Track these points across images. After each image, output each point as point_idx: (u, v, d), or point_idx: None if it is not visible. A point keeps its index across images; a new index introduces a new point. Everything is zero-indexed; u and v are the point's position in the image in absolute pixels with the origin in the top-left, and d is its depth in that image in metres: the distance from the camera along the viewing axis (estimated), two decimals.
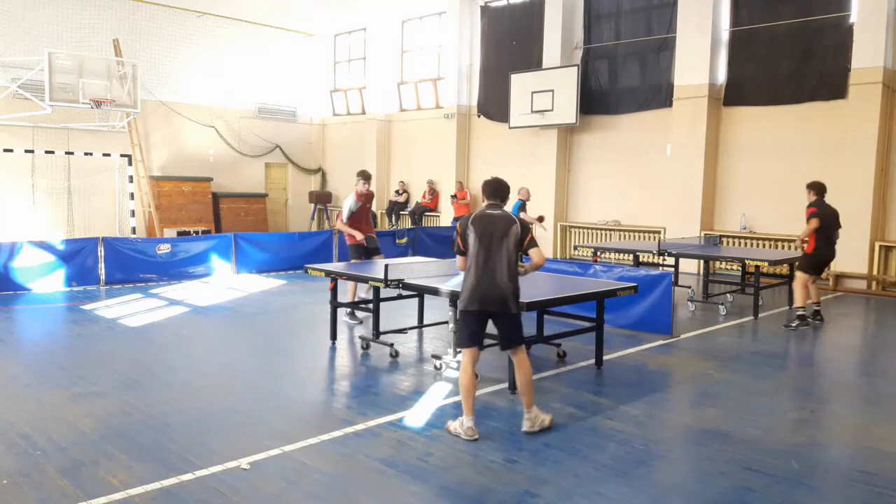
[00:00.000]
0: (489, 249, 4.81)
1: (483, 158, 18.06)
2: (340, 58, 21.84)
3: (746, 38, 13.32)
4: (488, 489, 4.08)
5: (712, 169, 13.73)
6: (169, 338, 8.02)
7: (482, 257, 4.81)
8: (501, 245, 4.80)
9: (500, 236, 4.81)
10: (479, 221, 4.89)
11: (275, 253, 13.17)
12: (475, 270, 4.83)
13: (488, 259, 4.80)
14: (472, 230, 4.86)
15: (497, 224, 4.86)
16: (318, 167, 22.08)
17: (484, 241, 4.82)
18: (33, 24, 15.82)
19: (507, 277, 4.82)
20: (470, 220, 4.93)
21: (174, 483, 4.06)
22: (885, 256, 11.72)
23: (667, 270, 9.30)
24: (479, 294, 4.81)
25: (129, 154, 16.27)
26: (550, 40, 15.85)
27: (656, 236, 14.32)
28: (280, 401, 5.75)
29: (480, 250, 4.81)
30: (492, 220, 4.88)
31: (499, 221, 4.87)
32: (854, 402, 6.04)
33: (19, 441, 4.70)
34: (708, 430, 5.10)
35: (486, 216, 4.92)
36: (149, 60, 17.47)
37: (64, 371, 6.45)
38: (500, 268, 4.80)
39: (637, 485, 4.17)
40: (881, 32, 11.36)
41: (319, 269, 7.60)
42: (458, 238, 4.96)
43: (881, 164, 11.69)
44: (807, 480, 4.27)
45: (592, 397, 5.87)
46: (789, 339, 8.57)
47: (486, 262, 4.80)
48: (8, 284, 10.42)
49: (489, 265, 4.80)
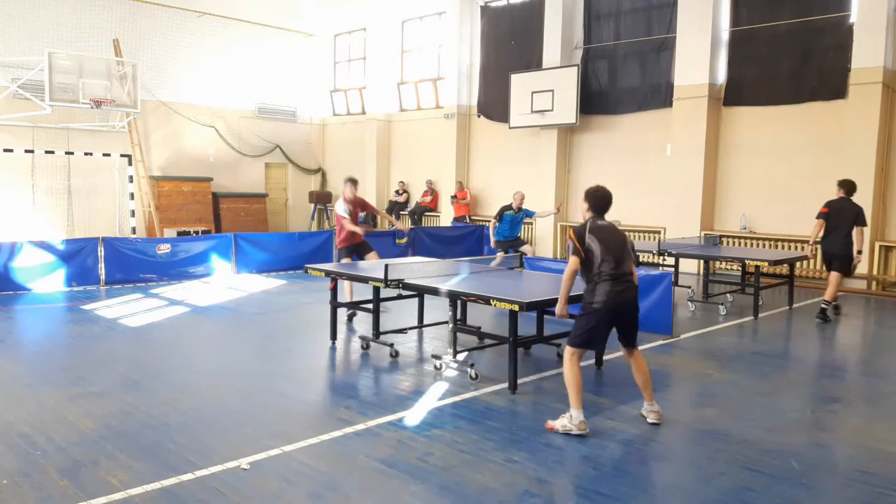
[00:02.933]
0: (620, 257, 5.09)
1: (483, 158, 18.08)
2: (340, 58, 21.85)
3: (746, 38, 13.32)
4: (488, 489, 4.07)
5: (712, 169, 13.73)
6: (169, 338, 8.02)
7: (612, 264, 5.04)
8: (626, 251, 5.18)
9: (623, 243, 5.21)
10: (598, 232, 5.12)
11: (275, 253, 13.18)
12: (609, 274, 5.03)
13: (621, 264, 5.08)
14: (595, 239, 5.07)
15: (617, 233, 5.20)
16: (318, 167, 22.09)
17: (611, 249, 5.07)
18: (33, 24, 15.83)
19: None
20: (588, 230, 5.13)
21: (174, 483, 4.06)
22: (885, 256, 11.72)
23: (667, 270, 9.29)
24: (616, 293, 5.00)
25: (129, 154, 16.28)
26: (550, 40, 15.85)
27: (656, 236, 14.32)
28: (280, 401, 5.75)
29: (608, 257, 5.03)
30: (611, 231, 5.18)
31: (616, 231, 5.23)
32: (854, 402, 6.03)
33: (19, 441, 4.70)
34: (708, 430, 5.10)
35: (601, 228, 5.15)
36: (149, 60, 17.48)
37: (64, 371, 6.45)
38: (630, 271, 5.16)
39: (637, 485, 4.17)
40: (881, 32, 11.36)
41: (319, 269, 7.60)
42: (575, 244, 5.13)
43: (881, 164, 11.69)
44: (807, 480, 4.27)
45: (592, 397, 5.86)
46: (789, 338, 8.58)
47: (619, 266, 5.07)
48: (8, 284, 10.42)
49: (624, 268, 5.09)
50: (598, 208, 5.22)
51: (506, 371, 6.02)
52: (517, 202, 11.96)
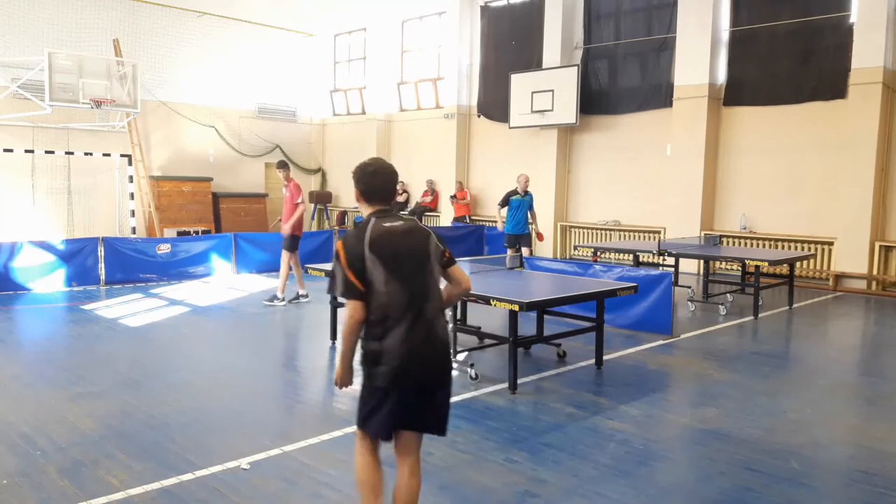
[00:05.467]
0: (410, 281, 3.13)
1: (483, 158, 18.08)
2: (340, 58, 21.85)
3: (746, 38, 13.31)
4: (488, 489, 4.07)
5: (712, 169, 13.72)
6: (169, 338, 8.02)
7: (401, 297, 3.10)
8: (424, 272, 3.19)
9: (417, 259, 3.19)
10: (382, 242, 3.11)
11: (275, 253, 13.07)
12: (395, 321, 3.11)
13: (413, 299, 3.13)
14: (373, 256, 3.08)
15: (412, 238, 3.21)
16: (318, 167, 22.08)
17: (395, 270, 3.10)
18: (33, 24, 15.81)
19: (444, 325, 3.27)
20: (368, 244, 3.09)
21: (174, 483, 4.06)
22: (885, 256, 11.71)
23: (667, 270, 9.29)
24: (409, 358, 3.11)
25: (129, 154, 16.27)
26: (550, 40, 15.85)
27: (656, 236, 14.32)
28: (280, 401, 5.74)
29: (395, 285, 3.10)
30: (403, 234, 3.18)
31: (412, 234, 3.22)
32: (854, 402, 6.04)
33: (19, 441, 4.70)
34: (708, 430, 5.10)
35: (388, 234, 3.14)
36: (149, 60, 17.46)
37: (64, 371, 6.45)
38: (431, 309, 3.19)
39: (637, 485, 4.17)
40: (881, 32, 11.36)
41: (319, 269, 7.60)
42: (348, 274, 3.08)
43: (881, 164, 11.68)
44: (807, 480, 4.27)
45: (592, 397, 5.86)
46: (789, 338, 8.58)
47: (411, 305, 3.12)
48: (8, 284, 10.42)
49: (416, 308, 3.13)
50: (378, 194, 3.26)
51: (506, 371, 6.02)
52: (522, 185, 11.49)
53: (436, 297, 3.23)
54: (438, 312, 3.23)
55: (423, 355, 3.13)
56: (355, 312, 3.09)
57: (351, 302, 3.09)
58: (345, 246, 3.11)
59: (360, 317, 3.09)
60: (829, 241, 12.19)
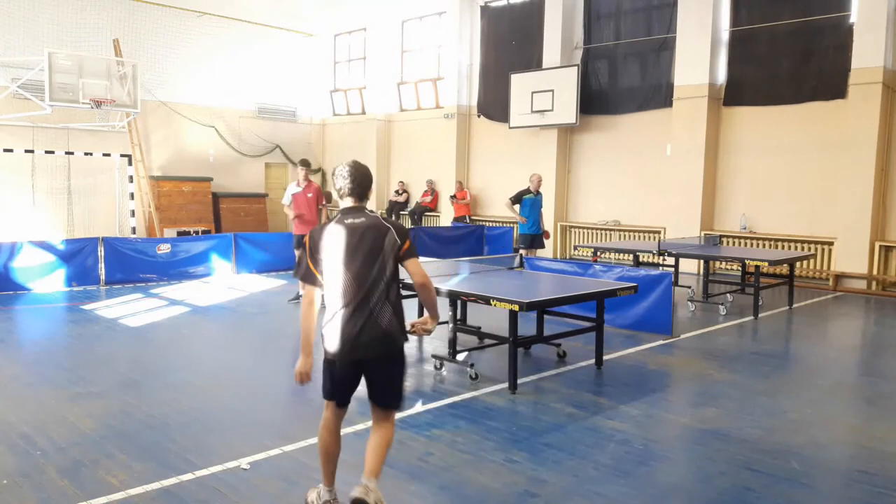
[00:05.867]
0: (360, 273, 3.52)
1: (483, 158, 18.08)
2: (340, 58, 21.85)
3: (746, 38, 13.31)
4: (488, 489, 4.07)
5: (712, 169, 13.73)
6: (169, 338, 8.02)
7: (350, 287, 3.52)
8: (375, 266, 3.53)
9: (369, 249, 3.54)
10: (338, 235, 3.55)
11: (275, 253, 13.17)
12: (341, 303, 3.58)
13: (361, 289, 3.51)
14: (330, 248, 3.54)
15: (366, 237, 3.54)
16: (318, 167, 22.07)
17: (348, 262, 3.52)
18: (33, 24, 15.82)
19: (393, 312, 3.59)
20: (327, 236, 3.56)
21: (174, 483, 4.06)
22: (885, 256, 11.72)
23: (667, 270, 9.29)
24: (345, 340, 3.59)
25: (129, 154, 16.27)
26: (550, 40, 15.85)
27: (656, 236, 14.32)
28: (280, 401, 5.74)
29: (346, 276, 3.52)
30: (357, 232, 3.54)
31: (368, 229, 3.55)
32: (854, 402, 6.04)
33: (19, 441, 4.70)
34: (708, 430, 5.10)
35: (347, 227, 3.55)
36: (149, 60, 17.47)
37: (64, 371, 6.45)
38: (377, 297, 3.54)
39: (637, 485, 4.17)
40: (881, 32, 11.36)
41: None
42: (307, 258, 3.60)
43: (881, 163, 11.68)
44: (807, 480, 4.27)
45: (592, 397, 5.86)
46: (789, 338, 8.58)
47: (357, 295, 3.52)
48: (8, 284, 10.42)
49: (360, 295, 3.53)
50: (349, 193, 3.62)
51: (506, 371, 6.02)
52: (535, 184, 11.45)
53: (385, 289, 3.57)
54: (385, 304, 3.57)
55: (358, 341, 3.56)
56: (309, 295, 3.65)
57: (307, 287, 3.65)
58: (311, 237, 3.63)
59: (312, 300, 3.66)
60: (829, 241, 12.20)
